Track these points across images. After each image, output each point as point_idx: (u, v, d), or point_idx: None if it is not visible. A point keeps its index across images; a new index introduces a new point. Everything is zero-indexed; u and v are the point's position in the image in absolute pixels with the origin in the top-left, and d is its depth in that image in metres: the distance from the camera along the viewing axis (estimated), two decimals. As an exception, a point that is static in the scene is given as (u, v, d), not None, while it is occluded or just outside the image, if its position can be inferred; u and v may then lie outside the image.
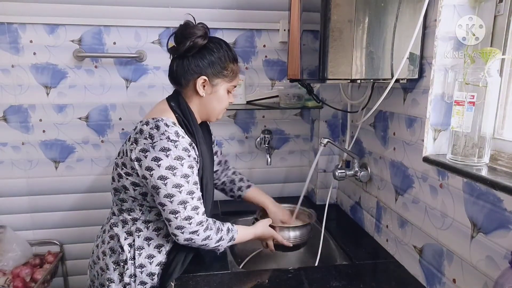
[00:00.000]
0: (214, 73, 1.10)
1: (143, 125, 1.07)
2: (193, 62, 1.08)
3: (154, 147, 1.01)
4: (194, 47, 1.07)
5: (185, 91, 1.14)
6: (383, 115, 1.31)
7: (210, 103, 1.14)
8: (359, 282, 1.11)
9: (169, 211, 1.03)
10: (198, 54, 1.08)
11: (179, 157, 1.02)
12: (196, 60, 1.08)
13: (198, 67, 1.08)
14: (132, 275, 1.10)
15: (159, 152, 1.00)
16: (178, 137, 1.03)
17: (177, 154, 1.01)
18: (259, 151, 1.87)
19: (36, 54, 1.61)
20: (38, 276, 1.61)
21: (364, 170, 1.43)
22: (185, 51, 1.07)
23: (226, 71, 1.11)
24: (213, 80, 1.10)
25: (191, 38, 1.05)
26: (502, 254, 0.81)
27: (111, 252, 1.13)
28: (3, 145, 1.67)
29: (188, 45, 1.05)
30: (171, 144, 1.01)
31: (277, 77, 1.81)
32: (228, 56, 1.11)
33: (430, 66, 1.02)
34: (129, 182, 1.09)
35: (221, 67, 1.10)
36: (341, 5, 1.01)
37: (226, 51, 1.11)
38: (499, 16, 0.96)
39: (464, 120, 0.91)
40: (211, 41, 1.10)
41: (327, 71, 1.05)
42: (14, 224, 1.73)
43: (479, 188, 0.87)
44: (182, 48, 1.06)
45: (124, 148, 1.11)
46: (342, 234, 1.48)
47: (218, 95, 1.13)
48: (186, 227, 1.04)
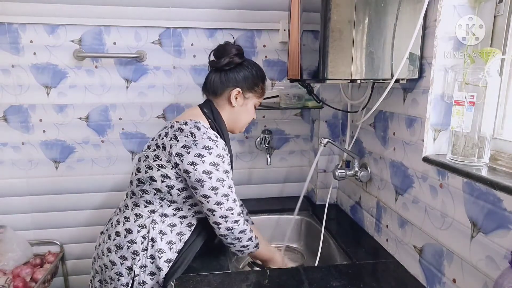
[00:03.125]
0: (248, 87, 1.24)
1: (181, 125, 1.15)
2: (231, 75, 1.23)
3: (196, 145, 1.10)
4: (232, 62, 1.22)
5: (218, 101, 1.26)
6: (383, 115, 1.31)
7: (240, 114, 1.27)
8: (359, 282, 1.11)
9: (214, 202, 1.12)
10: (235, 68, 1.23)
11: (220, 155, 1.12)
12: (233, 73, 1.23)
13: (234, 80, 1.23)
14: (143, 266, 1.13)
15: (202, 149, 1.10)
16: (218, 138, 1.15)
17: (219, 153, 1.12)
18: (259, 151, 1.87)
19: (36, 54, 1.61)
20: (38, 276, 1.61)
21: (364, 170, 1.43)
22: (224, 65, 1.21)
23: (257, 87, 1.27)
24: (246, 93, 1.25)
25: (229, 55, 1.22)
26: (502, 254, 0.81)
27: (117, 248, 1.15)
28: (3, 145, 1.67)
29: (228, 60, 1.21)
30: (212, 143, 1.11)
31: (277, 77, 1.81)
32: (260, 75, 1.27)
33: (430, 66, 1.03)
34: (159, 173, 1.14)
35: (254, 83, 1.25)
36: (341, 5, 1.01)
37: (259, 70, 1.27)
38: (499, 16, 0.96)
39: (464, 120, 0.91)
40: (246, 61, 1.26)
41: (327, 71, 1.05)
42: (14, 224, 1.73)
43: (479, 188, 0.87)
44: (222, 62, 1.21)
45: (158, 142, 1.17)
46: (342, 234, 1.48)
47: (248, 108, 1.28)
48: (229, 217, 1.14)
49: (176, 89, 1.74)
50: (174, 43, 1.69)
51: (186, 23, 1.67)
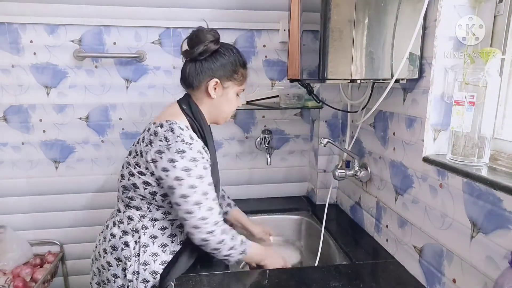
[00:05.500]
0: (226, 76, 1.14)
1: (157, 127, 1.10)
2: (206, 65, 1.13)
3: (169, 149, 1.05)
4: (207, 51, 1.11)
5: (196, 94, 1.18)
6: (383, 115, 1.31)
7: (220, 105, 1.18)
8: (359, 282, 1.11)
9: (184, 211, 1.06)
10: (210, 57, 1.13)
11: (193, 159, 1.05)
12: (208, 63, 1.13)
13: (210, 69, 1.13)
14: (135, 272, 1.11)
15: (174, 154, 1.04)
16: (192, 140, 1.08)
17: (192, 156, 1.05)
18: (259, 151, 1.87)
19: (36, 54, 1.61)
20: (38, 276, 1.61)
21: (364, 170, 1.43)
22: (198, 54, 1.11)
23: (237, 74, 1.16)
24: (224, 83, 1.15)
25: (204, 43, 1.10)
26: (502, 254, 0.81)
27: (112, 250, 1.14)
28: (3, 145, 1.67)
29: (202, 49, 1.10)
30: (186, 146, 1.05)
31: (277, 77, 1.81)
32: (239, 60, 1.16)
33: (430, 66, 1.02)
34: (141, 181, 1.11)
35: (232, 70, 1.15)
36: (341, 5, 1.01)
37: (237, 55, 1.16)
38: (499, 16, 0.96)
39: (464, 120, 0.91)
40: (222, 46, 1.15)
41: (327, 71, 1.05)
42: (14, 224, 1.73)
43: (479, 188, 0.87)
44: (196, 52, 1.11)
45: (137, 148, 1.14)
46: (342, 234, 1.48)
47: (228, 97, 1.18)
48: (202, 227, 1.06)
49: (176, 89, 1.74)
50: (174, 43, 1.69)
51: (186, 23, 1.67)
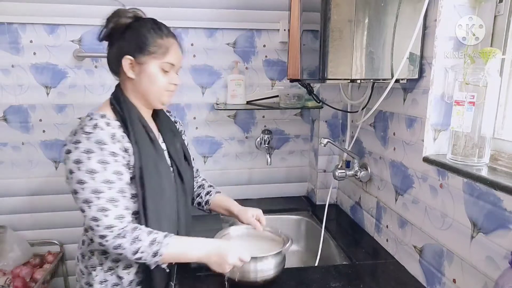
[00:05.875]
0: (139, 50, 1.00)
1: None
2: (117, 44, 1.02)
3: (71, 141, 0.96)
4: (116, 28, 1.01)
5: (121, 80, 1.07)
6: (383, 115, 1.31)
7: (142, 84, 1.03)
8: (359, 282, 1.11)
9: (79, 208, 0.95)
10: (123, 35, 1.01)
11: (87, 150, 0.93)
12: (119, 41, 1.02)
13: (121, 48, 1.01)
14: (102, 281, 1.05)
15: (71, 144, 0.95)
16: (95, 129, 0.95)
17: (87, 147, 0.93)
18: (259, 151, 1.87)
19: (36, 54, 1.61)
20: (38, 276, 1.61)
21: (364, 170, 1.43)
22: (109, 35, 1.02)
23: (153, 47, 1.01)
24: (139, 59, 1.01)
25: (113, 20, 1.01)
26: (502, 254, 0.81)
27: (82, 257, 1.09)
28: (3, 145, 1.67)
29: (111, 27, 1.01)
30: (83, 136, 0.94)
31: (277, 77, 1.81)
32: (155, 30, 1.02)
33: (430, 66, 1.02)
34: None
35: (145, 43, 1.00)
36: (341, 5, 1.01)
37: (152, 26, 1.03)
38: (499, 16, 0.96)
39: (464, 120, 0.91)
40: (137, 20, 1.03)
41: (327, 71, 1.05)
42: (14, 224, 1.73)
43: (479, 188, 0.87)
44: (106, 32, 1.02)
45: None
46: (342, 234, 1.48)
47: (149, 74, 1.02)
48: (94, 229, 0.93)
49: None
50: (174, 43, 1.69)
51: (186, 23, 1.67)
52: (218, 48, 1.73)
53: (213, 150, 1.83)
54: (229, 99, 1.71)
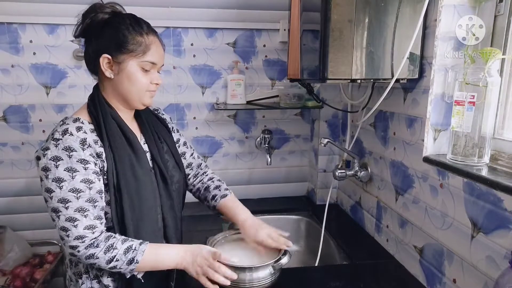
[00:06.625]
0: (116, 49, 0.95)
1: None
2: (94, 42, 0.96)
3: (41, 147, 0.93)
4: (93, 24, 0.95)
5: (99, 79, 1.02)
6: (383, 115, 1.31)
7: (122, 84, 0.98)
8: (359, 282, 1.11)
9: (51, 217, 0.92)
10: (101, 32, 0.96)
11: (55, 158, 0.90)
12: (97, 39, 0.96)
13: (98, 46, 0.96)
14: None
15: (40, 151, 0.92)
16: (64, 135, 0.91)
17: (54, 154, 0.90)
18: (259, 151, 1.87)
19: (36, 54, 1.61)
20: (38, 276, 1.61)
21: (364, 170, 1.43)
22: (86, 31, 0.96)
23: (132, 45, 0.95)
24: (117, 58, 0.95)
25: (90, 15, 0.95)
26: (502, 254, 0.81)
27: (70, 264, 1.05)
28: (3, 145, 1.67)
29: (87, 22, 0.95)
30: (52, 143, 0.91)
31: (277, 77, 1.81)
32: (134, 28, 0.96)
33: (430, 66, 1.02)
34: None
35: (124, 40, 0.94)
36: (341, 5, 1.01)
37: (131, 23, 0.96)
38: (499, 16, 0.96)
39: (464, 120, 0.91)
40: (116, 16, 0.97)
41: (327, 71, 1.05)
42: (14, 224, 1.73)
43: (479, 188, 0.87)
44: (82, 29, 0.96)
45: None
46: (342, 234, 1.47)
47: (128, 73, 0.96)
48: (64, 239, 0.90)
49: (176, 89, 1.74)
50: (174, 43, 1.69)
51: (186, 23, 1.67)
52: (218, 48, 1.73)
53: (213, 150, 1.83)
54: (229, 99, 1.71)
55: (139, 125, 1.09)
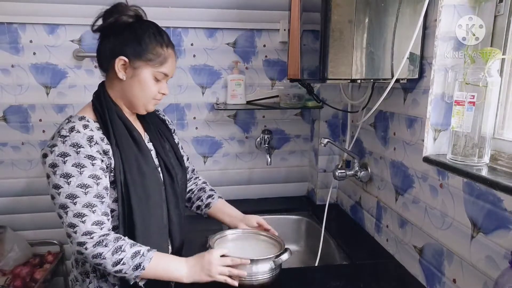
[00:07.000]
0: (136, 54, 0.96)
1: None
2: (113, 41, 0.97)
3: (48, 144, 0.93)
4: (116, 24, 0.96)
5: (108, 77, 1.03)
6: (384, 115, 1.31)
7: (131, 88, 0.99)
8: (359, 282, 1.11)
9: (57, 214, 0.92)
10: (122, 33, 0.97)
11: (62, 154, 0.90)
12: (117, 39, 0.97)
13: (117, 46, 0.97)
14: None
15: (47, 148, 0.92)
16: (71, 131, 0.92)
17: (62, 151, 0.90)
18: (259, 151, 1.87)
19: (36, 54, 1.61)
20: (38, 276, 1.61)
21: (364, 170, 1.43)
22: (106, 28, 0.97)
23: (151, 54, 0.97)
24: (134, 62, 0.97)
25: (115, 16, 0.96)
26: (502, 254, 0.81)
27: (76, 264, 1.05)
28: (3, 145, 1.67)
29: (110, 21, 0.96)
30: (59, 140, 0.91)
31: (277, 77, 1.81)
32: (156, 38, 0.98)
33: (430, 66, 1.02)
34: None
35: (144, 48, 0.97)
36: (341, 5, 1.01)
37: (154, 33, 0.99)
38: (499, 16, 0.96)
39: (464, 120, 0.91)
40: (139, 21, 1.00)
41: (328, 71, 1.05)
42: (14, 224, 1.73)
43: (479, 188, 0.87)
44: (103, 25, 0.97)
45: None
46: (342, 234, 1.48)
47: (140, 79, 0.98)
48: (72, 236, 0.89)
49: (176, 89, 1.74)
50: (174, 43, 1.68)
51: (186, 23, 1.67)
52: (218, 48, 1.73)
53: (213, 150, 1.83)
54: (229, 99, 1.71)
55: (142, 124, 1.11)
